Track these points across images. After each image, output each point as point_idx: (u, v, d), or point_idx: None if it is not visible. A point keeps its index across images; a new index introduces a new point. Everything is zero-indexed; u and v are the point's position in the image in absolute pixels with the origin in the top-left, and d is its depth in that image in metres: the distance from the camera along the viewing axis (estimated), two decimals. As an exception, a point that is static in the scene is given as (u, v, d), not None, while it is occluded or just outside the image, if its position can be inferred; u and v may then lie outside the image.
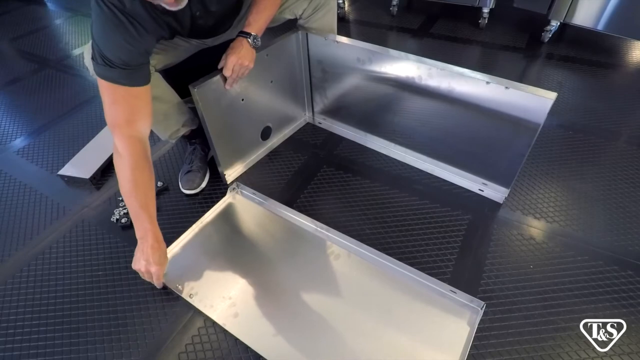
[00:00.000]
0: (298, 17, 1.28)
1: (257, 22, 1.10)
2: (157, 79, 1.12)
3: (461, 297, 0.95)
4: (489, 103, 1.05)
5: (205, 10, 1.01)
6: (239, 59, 1.08)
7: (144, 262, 0.96)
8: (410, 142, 1.34)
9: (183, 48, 1.18)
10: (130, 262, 0.99)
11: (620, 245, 1.09)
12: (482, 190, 1.24)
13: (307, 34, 1.29)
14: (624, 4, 1.69)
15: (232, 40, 1.10)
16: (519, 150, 1.06)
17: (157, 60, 1.10)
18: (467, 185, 1.27)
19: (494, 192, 1.22)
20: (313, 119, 1.58)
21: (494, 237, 1.13)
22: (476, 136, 1.14)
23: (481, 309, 0.91)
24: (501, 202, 1.21)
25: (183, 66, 1.23)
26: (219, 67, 1.11)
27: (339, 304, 0.98)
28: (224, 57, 1.10)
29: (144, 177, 0.97)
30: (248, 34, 1.08)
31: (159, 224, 0.99)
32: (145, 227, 0.97)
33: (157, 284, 1.01)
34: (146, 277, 1.00)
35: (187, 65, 1.24)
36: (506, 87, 0.99)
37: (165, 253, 1.00)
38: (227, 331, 0.95)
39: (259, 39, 1.11)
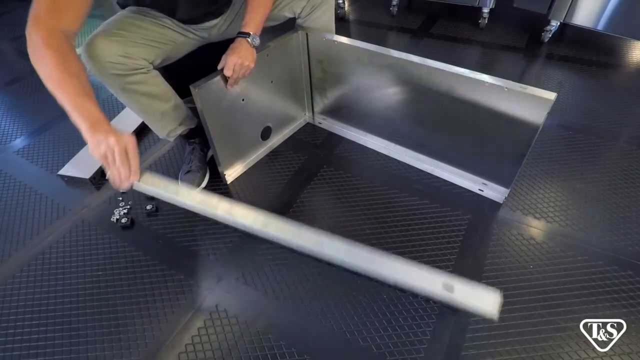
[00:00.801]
0: (297, 16, 1.28)
1: (253, 21, 1.10)
2: (155, 77, 1.12)
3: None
4: (489, 103, 1.05)
5: None
6: (240, 59, 1.08)
7: (112, 137, 0.74)
8: (410, 142, 1.34)
9: (180, 42, 1.17)
10: (131, 262, 0.97)
11: (620, 245, 1.09)
12: (482, 190, 1.24)
13: (307, 34, 1.29)
14: (624, 4, 1.69)
15: (231, 41, 1.11)
16: (519, 150, 1.06)
17: (155, 55, 1.09)
18: (467, 185, 1.27)
19: (494, 192, 1.22)
20: (313, 119, 1.58)
21: (494, 237, 1.13)
22: (476, 136, 1.14)
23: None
24: (501, 202, 1.21)
25: (182, 66, 1.23)
26: (219, 67, 1.11)
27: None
28: (224, 57, 1.10)
29: (74, 65, 0.80)
30: (246, 34, 1.09)
31: (159, 224, 0.98)
32: (94, 113, 0.76)
33: (134, 169, 0.77)
34: (117, 162, 0.75)
35: (186, 64, 1.24)
36: (506, 88, 0.99)
37: None
38: (226, 332, 0.95)
39: (258, 38, 1.11)
